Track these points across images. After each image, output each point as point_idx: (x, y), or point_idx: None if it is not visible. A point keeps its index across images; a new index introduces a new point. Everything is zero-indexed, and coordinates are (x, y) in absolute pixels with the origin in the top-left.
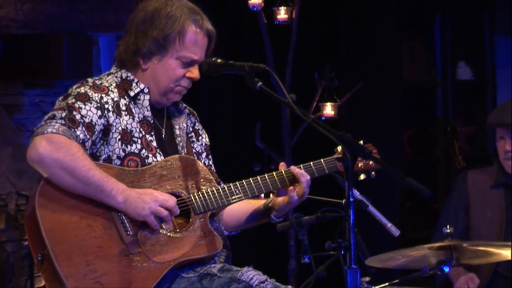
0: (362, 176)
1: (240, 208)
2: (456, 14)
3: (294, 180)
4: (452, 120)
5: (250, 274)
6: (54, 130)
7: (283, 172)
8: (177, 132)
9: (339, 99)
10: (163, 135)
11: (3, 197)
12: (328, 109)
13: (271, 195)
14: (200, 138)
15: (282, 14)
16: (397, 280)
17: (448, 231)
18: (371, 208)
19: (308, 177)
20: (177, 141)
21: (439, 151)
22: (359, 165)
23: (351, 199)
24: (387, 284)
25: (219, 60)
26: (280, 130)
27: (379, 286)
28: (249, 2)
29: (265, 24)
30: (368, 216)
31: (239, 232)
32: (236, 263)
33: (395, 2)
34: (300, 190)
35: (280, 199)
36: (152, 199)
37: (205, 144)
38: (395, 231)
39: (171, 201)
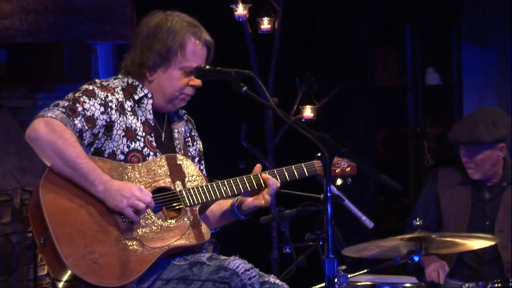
0: (338, 181)
1: (212, 209)
2: (426, 25)
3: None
4: (422, 122)
5: (237, 262)
6: (54, 116)
7: (258, 175)
8: (176, 135)
9: (318, 102)
10: (163, 138)
11: (9, 193)
12: (308, 112)
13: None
14: (195, 143)
15: (265, 24)
16: (371, 269)
17: (418, 223)
18: (347, 203)
19: (277, 184)
20: (175, 144)
21: (410, 150)
22: (336, 171)
23: (329, 194)
24: (362, 272)
25: (208, 67)
26: (263, 131)
27: (354, 274)
28: (235, 13)
29: (250, 34)
30: (344, 210)
31: (219, 230)
32: (223, 253)
33: (370, 13)
34: (266, 195)
35: (248, 200)
36: (130, 194)
37: (199, 150)
38: (369, 224)
39: (148, 197)
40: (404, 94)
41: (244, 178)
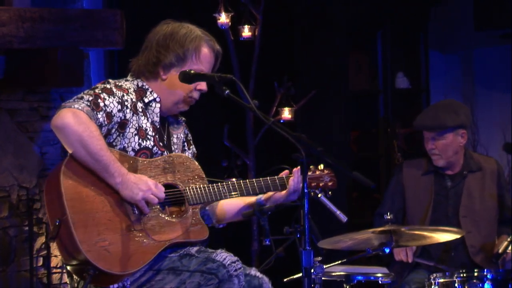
0: (319, 195)
1: (232, 203)
2: (395, 32)
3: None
4: (392, 123)
5: (223, 255)
6: (80, 108)
7: (268, 179)
8: (175, 140)
9: (295, 104)
10: (165, 141)
11: (6, 189)
12: (286, 113)
13: None
14: (190, 147)
15: (246, 32)
16: (345, 260)
17: (389, 217)
18: (323, 198)
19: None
20: (173, 148)
21: (381, 149)
22: (320, 184)
23: (305, 190)
24: (336, 263)
25: (192, 71)
26: (244, 131)
27: (329, 265)
28: (218, 21)
29: (232, 41)
30: (320, 205)
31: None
32: (208, 245)
33: (344, 22)
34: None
35: (277, 195)
36: (146, 188)
37: (193, 152)
38: (343, 218)
39: (161, 192)
40: (375, 97)
41: (247, 182)
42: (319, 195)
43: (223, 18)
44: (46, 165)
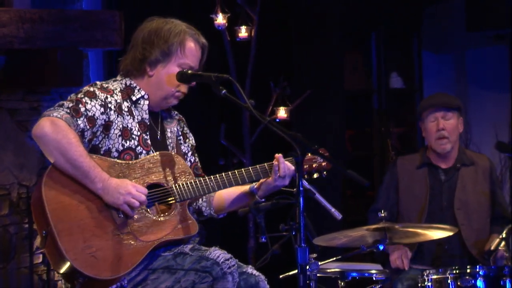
0: (315, 175)
1: (229, 193)
2: (390, 33)
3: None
4: (386, 122)
5: (217, 253)
6: (59, 116)
7: (257, 166)
8: (169, 134)
9: (291, 104)
10: (158, 136)
11: (7, 187)
12: (282, 113)
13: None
14: (187, 140)
15: (243, 32)
16: (339, 257)
17: (383, 215)
18: (318, 196)
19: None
20: (168, 142)
21: (375, 148)
22: (313, 165)
23: (301, 188)
24: (331, 260)
25: (189, 71)
26: (241, 130)
27: (324, 262)
28: (215, 22)
29: (229, 41)
30: (315, 203)
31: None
32: (203, 243)
33: (339, 22)
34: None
35: (266, 181)
36: (126, 192)
37: (191, 144)
38: (338, 215)
39: (142, 195)
40: (370, 96)
41: (229, 174)
42: (315, 175)
43: (220, 19)
44: (46, 164)
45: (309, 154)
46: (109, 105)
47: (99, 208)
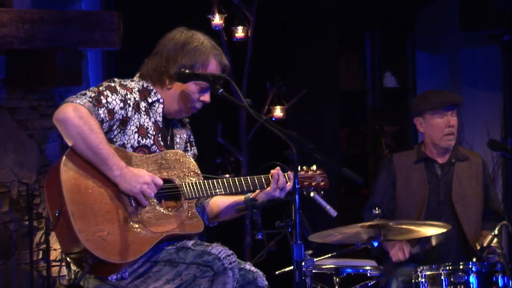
0: (312, 194)
1: (225, 201)
2: (384, 33)
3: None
4: (380, 121)
5: (219, 248)
6: (82, 103)
7: (262, 177)
8: (178, 140)
9: (287, 103)
10: (168, 141)
11: (7, 185)
12: (278, 112)
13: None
14: (192, 148)
15: (239, 32)
16: (335, 253)
17: (377, 212)
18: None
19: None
20: (176, 148)
21: (369, 146)
22: (313, 184)
23: (297, 186)
24: (326, 256)
25: (187, 71)
26: (238, 129)
27: (319, 258)
28: (212, 22)
29: (225, 41)
30: (310, 200)
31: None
32: (204, 241)
33: (334, 23)
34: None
35: (261, 193)
36: (144, 181)
37: (194, 154)
38: (333, 212)
39: (159, 186)
40: (364, 96)
41: (242, 180)
42: (312, 194)
43: (217, 20)
44: (46, 162)
45: (309, 172)
46: (128, 102)
47: (112, 194)
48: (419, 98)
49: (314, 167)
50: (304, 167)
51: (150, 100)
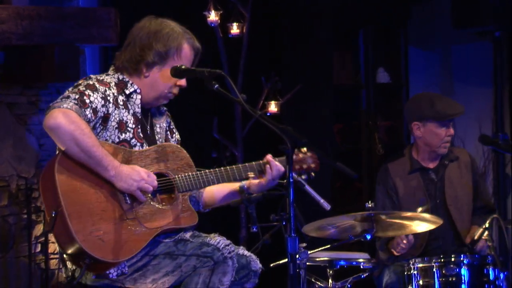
0: (303, 176)
1: (219, 190)
2: (377, 29)
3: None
4: (373, 116)
5: (217, 239)
6: (69, 107)
7: (253, 163)
8: (158, 130)
9: (282, 98)
10: (148, 131)
11: (6, 179)
12: (273, 107)
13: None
14: (174, 135)
15: (235, 29)
16: (328, 246)
17: (370, 205)
18: (307, 187)
19: (275, 167)
20: (157, 137)
21: (363, 141)
22: (304, 166)
23: (291, 180)
24: (320, 249)
25: (183, 67)
26: (233, 124)
27: (313, 251)
28: (208, 19)
29: (221, 37)
30: (304, 194)
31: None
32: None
33: (328, 19)
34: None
35: (255, 181)
36: (140, 178)
37: (177, 139)
38: (327, 206)
39: (155, 181)
40: (358, 91)
41: (227, 168)
42: (305, 186)
43: (213, 16)
44: (44, 156)
45: (300, 155)
46: (108, 98)
47: (108, 193)
48: (424, 102)
49: (304, 149)
50: (295, 150)
51: (127, 92)
